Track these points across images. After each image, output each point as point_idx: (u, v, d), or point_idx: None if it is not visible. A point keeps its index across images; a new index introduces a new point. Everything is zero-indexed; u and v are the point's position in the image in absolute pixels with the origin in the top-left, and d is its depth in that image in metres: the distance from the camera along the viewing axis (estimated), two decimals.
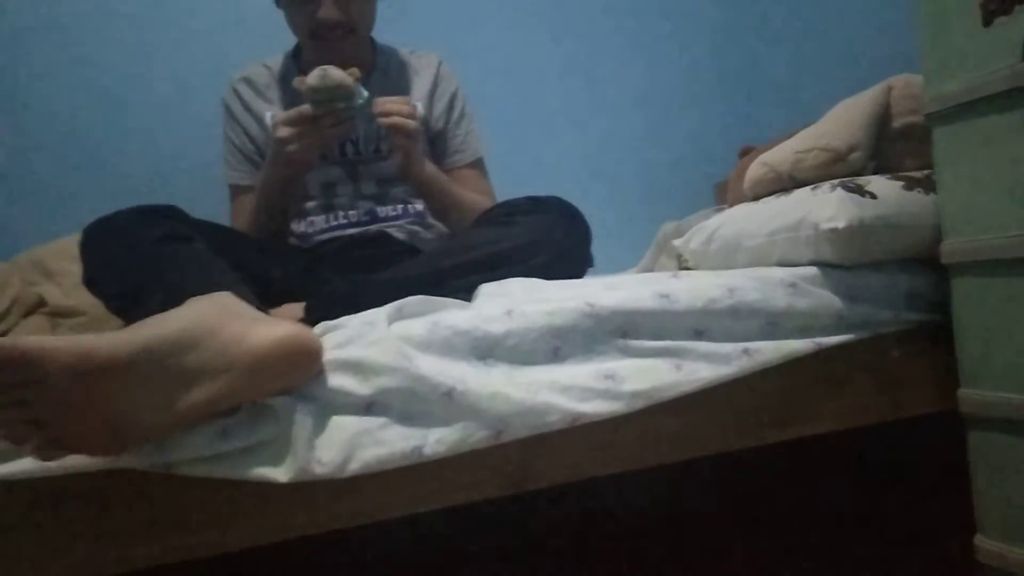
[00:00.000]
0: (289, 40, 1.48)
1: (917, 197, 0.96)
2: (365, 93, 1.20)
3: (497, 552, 1.07)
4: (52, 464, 0.69)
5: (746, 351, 0.89)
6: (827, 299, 0.94)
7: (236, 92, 1.50)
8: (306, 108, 1.19)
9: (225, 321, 0.74)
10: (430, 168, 1.37)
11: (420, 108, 1.49)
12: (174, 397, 0.69)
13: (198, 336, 0.71)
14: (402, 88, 1.50)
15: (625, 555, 1.18)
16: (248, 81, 1.50)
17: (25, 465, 0.69)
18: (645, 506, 1.23)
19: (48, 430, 0.65)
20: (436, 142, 1.53)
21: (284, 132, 1.20)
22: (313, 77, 1.16)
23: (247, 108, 1.49)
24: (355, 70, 1.20)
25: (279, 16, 1.41)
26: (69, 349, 0.64)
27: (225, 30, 1.83)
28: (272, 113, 1.46)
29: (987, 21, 0.86)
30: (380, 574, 1.13)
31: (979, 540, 0.92)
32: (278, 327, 0.74)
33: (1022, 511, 0.87)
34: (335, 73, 1.16)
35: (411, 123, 1.24)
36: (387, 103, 1.24)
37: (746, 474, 1.24)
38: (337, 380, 0.77)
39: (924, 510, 1.12)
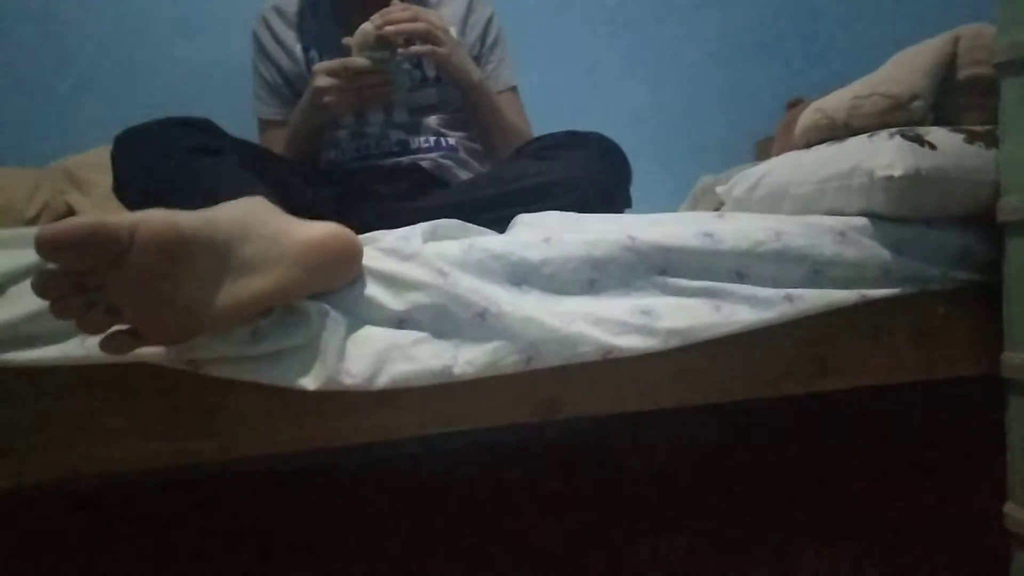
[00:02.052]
0: None
1: (978, 151, 0.92)
2: (406, 64, 1.19)
3: (516, 483, 1.06)
4: (101, 355, 0.67)
5: (788, 297, 0.87)
6: (875, 251, 0.91)
7: (266, 22, 1.47)
8: (351, 60, 1.15)
9: (270, 216, 0.74)
10: (478, 74, 1.33)
11: (453, 34, 1.46)
12: (233, 286, 0.67)
13: (248, 226, 0.70)
14: (438, 13, 1.46)
15: (644, 500, 1.17)
16: (278, 11, 1.46)
17: (48, 354, 0.68)
18: (667, 449, 1.22)
19: (124, 316, 0.64)
20: None
21: (324, 82, 1.17)
22: (363, 28, 1.14)
23: (277, 40, 1.45)
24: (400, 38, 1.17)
25: None
26: (152, 220, 0.62)
27: None
28: (303, 46, 1.44)
29: None
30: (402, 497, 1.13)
31: (1009, 508, 0.90)
32: (322, 225, 0.74)
33: None
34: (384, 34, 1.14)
35: (418, 26, 1.18)
36: (388, 17, 1.16)
37: (774, 429, 1.23)
38: (371, 291, 0.76)
39: (955, 476, 1.10)
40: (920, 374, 0.92)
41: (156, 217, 0.62)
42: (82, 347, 0.67)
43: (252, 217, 0.71)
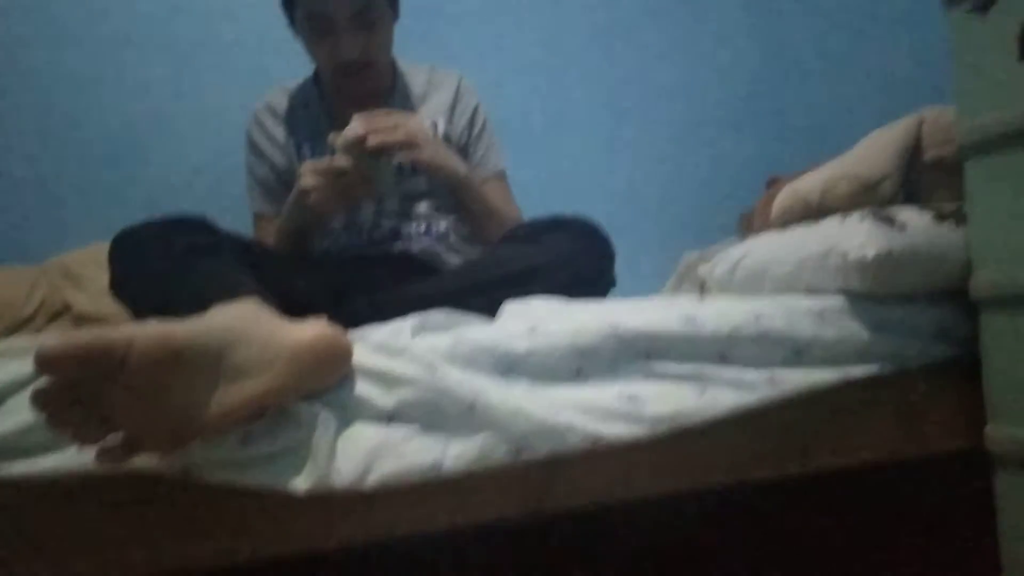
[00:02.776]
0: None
1: (947, 229, 0.95)
2: (394, 164, 1.22)
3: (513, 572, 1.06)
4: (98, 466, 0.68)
5: (771, 379, 0.88)
6: (854, 330, 0.93)
7: (259, 121, 1.51)
8: (337, 159, 1.18)
9: (262, 320, 0.76)
10: (463, 168, 1.36)
11: (441, 124, 1.51)
12: (226, 392, 0.69)
13: (240, 332, 0.72)
14: (419, 107, 1.52)
15: None
16: (270, 110, 1.51)
17: (44, 464, 0.69)
18: (662, 534, 1.21)
19: (119, 426, 0.65)
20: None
21: (308, 182, 1.19)
22: (349, 131, 1.17)
23: (270, 138, 1.50)
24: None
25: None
26: (147, 334, 0.64)
27: (255, 44, 1.86)
28: (295, 142, 1.48)
29: (1022, 55, 0.85)
30: None
31: None
32: (312, 326, 0.76)
33: None
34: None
35: (396, 136, 1.19)
36: (369, 123, 1.18)
37: (768, 505, 1.22)
38: (361, 389, 0.77)
39: (947, 550, 1.10)
40: (905, 452, 0.93)
41: (152, 330, 0.64)
42: (77, 456, 0.69)
43: (244, 322, 0.73)
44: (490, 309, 1.00)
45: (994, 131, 0.88)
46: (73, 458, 0.69)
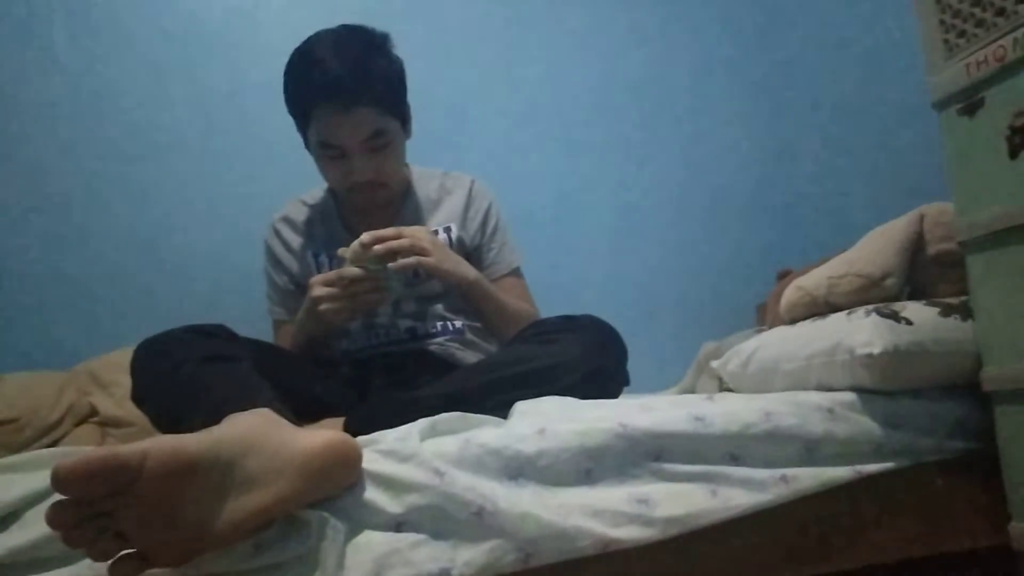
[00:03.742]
0: None
1: (954, 323, 0.95)
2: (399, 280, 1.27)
3: None
4: None
5: (783, 478, 0.88)
6: (866, 425, 0.93)
7: (276, 232, 1.56)
8: (344, 270, 1.23)
9: (272, 429, 0.77)
10: (472, 274, 1.39)
11: (455, 228, 1.55)
12: (237, 503, 0.70)
13: (251, 442, 0.74)
14: (432, 213, 1.57)
15: None
16: (288, 220, 1.56)
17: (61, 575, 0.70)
18: None
19: (132, 542, 0.66)
20: (472, 257, 1.58)
21: (319, 292, 1.24)
22: (354, 247, 1.22)
23: (288, 248, 1.54)
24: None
25: None
26: (161, 447, 0.66)
27: (282, 165, 1.94)
28: (312, 251, 1.53)
29: (1013, 154, 0.88)
30: None
31: None
32: (322, 433, 0.78)
33: None
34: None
35: (402, 242, 1.23)
36: (376, 235, 1.23)
37: None
38: (369, 495, 0.78)
39: None
40: (926, 549, 0.91)
41: (165, 444, 0.66)
42: (92, 569, 0.70)
43: (255, 431, 0.75)
44: (503, 409, 1.01)
45: (990, 227, 0.90)
46: (88, 570, 0.70)
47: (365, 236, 1.22)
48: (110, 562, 0.66)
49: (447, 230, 1.55)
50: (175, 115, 1.95)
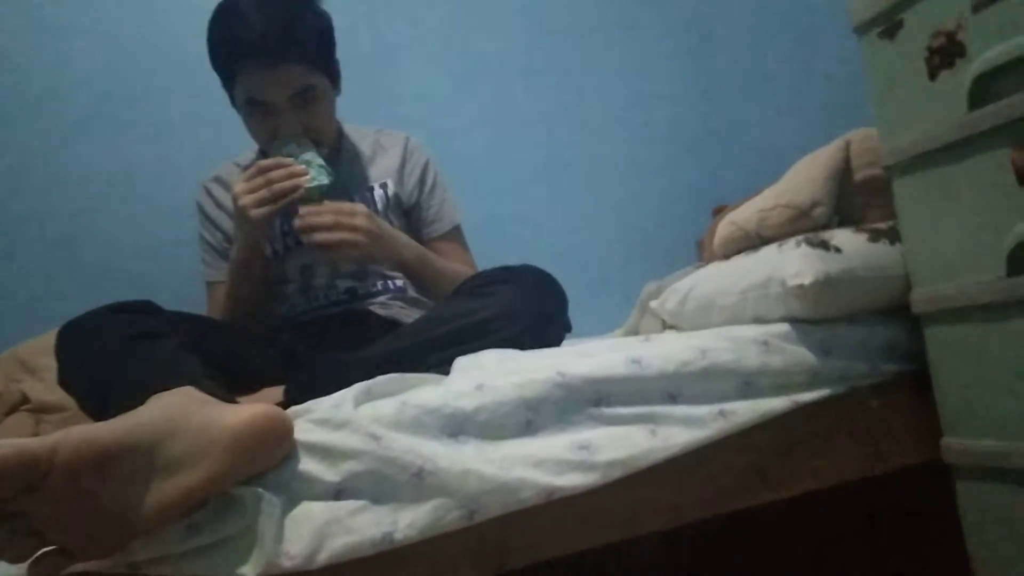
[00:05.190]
0: None
1: (883, 248, 0.96)
2: (324, 176, 1.24)
3: None
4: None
5: (722, 412, 0.89)
6: (801, 355, 0.93)
7: (208, 191, 1.53)
8: (264, 160, 1.23)
9: (195, 407, 0.75)
10: (405, 253, 1.34)
11: (391, 185, 1.52)
12: (163, 487, 0.68)
13: (174, 423, 0.71)
14: (367, 169, 1.53)
15: None
16: (219, 180, 1.53)
17: None
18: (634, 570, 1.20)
19: (49, 539, 0.64)
20: (411, 214, 1.56)
21: (238, 187, 1.23)
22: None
23: (218, 205, 1.51)
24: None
25: None
26: (70, 439, 0.63)
27: (205, 123, 1.87)
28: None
29: (932, 75, 0.88)
30: None
31: None
32: (249, 408, 0.75)
33: (1014, 558, 0.86)
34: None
35: (334, 237, 1.20)
36: (306, 217, 1.21)
37: (737, 533, 1.22)
38: (305, 466, 0.76)
39: (920, 563, 1.10)
40: (863, 471, 0.93)
41: (75, 435, 0.63)
42: (11, 569, 0.67)
43: (178, 412, 0.72)
44: (445, 365, 0.99)
45: (914, 149, 0.90)
46: (9, 569, 0.67)
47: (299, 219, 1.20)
48: (28, 562, 0.63)
49: (383, 186, 1.52)
50: (81, 78, 1.85)
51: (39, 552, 0.63)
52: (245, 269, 1.35)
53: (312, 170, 1.24)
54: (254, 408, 0.74)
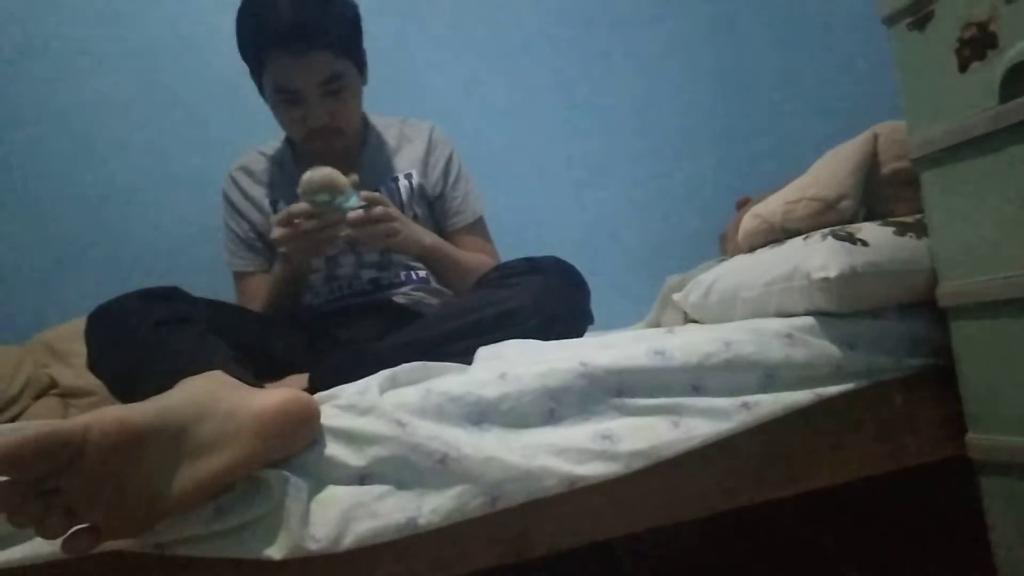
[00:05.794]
0: None
1: (909, 242, 0.95)
2: (355, 200, 1.23)
3: None
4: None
5: (745, 405, 0.88)
6: (825, 348, 0.93)
7: (234, 181, 1.54)
8: (293, 207, 1.21)
9: (225, 391, 0.76)
10: (427, 240, 1.38)
11: (415, 176, 1.53)
12: (192, 469, 0.69)
13: (203, 406, 0.72)
14: (392, 160, 1.54)
15: None
16: (246, 170, 1.54)
17: (18, 553, 0.69)
18: (655, 564, 1.20)
19: (82, 517, 0.65)
20: (435, 206, 1.56)
21: (276, 233, 1.23)
22: (305, 176, 1.20)
23: (246, 196, 1.52)
24: (354, 176, 1.24)
25: None
26: (104, 419, 0.65)
27: (232, 114, 1.88)
28: (271, 200, 1.51)
29: (963, 67, 0.87)
30: None
31: None
32: (277, 393, 0.77)
33: None
34: (322, 173, 1.20)
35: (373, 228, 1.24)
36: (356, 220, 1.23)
37: (760, 524, 1.22)
38: (330, 451, 0.77)
39: (945, 559, 1.09)
40: (888, 465, 0.93)
41: (107, 416, 0.64)
42: (47, 545, 0.68)
43: (207, 395, 0.73)
44: (467, 355, 1.00)
45: (943, 142, 0.89)
46: (47, 546, 0.69)
47: (309, 170, 1.21)
48: (62, 539, 0.64)
49: (408, 177, 1.53)
50: (117, 70, 1.87)
51: (72, 530, 0.65)
52: (289, 286, 1.38)
53: (351, 202, 1.24)
54: (283, 393, 0.75)
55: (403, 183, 1.52)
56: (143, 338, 0.93)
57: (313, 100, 1.33)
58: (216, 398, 0.73)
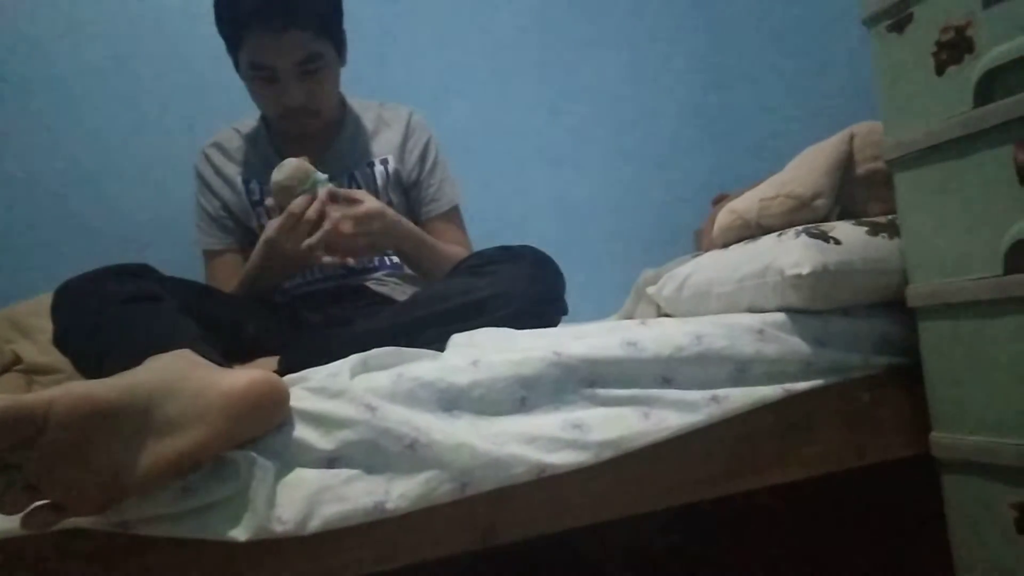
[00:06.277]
0: None
1: (882, 242, 0.97)
2: (322, 176, 1.23)
3: None
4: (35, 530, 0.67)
5: (714, 398, 0.89)
6: (795, 345, 0.94)
7: (207, 158, 1.52)
8: (294, 204, 1.19)
9: (193, 370, 0.75)
10: (406, 243, 1.36)
11: (392, 161, 1.52)
12: (157, 447, 0.68)
13: (170, 384, 0.71)
14: (368, 145, 1.53)
15: None
16: (218, 146, 1.52)
17: None
18: (621, 554, 1.21)
19: (43, 492, 0.64)
20: (411, 192, 1.55)
21: (275, 235, 1.21)
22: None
23: (218, 172, 1.50)
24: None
25: None
26: (69, 395, 0.64)
27: (204, 92, 1.85)
28: (244, 178, 1.48)
29: (940, 70, 0.88)
30: None
31: None
32: (246, 373, 0.76)
33: (998, 555, 0.87)
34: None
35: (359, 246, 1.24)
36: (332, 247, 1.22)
37: (724, 520, 1.23)
38: (299, 433, 0.77)
39: (904, 555, 1.11)
40: (852, 461, 0.94)
41: (72, 391, 0.63)
42: (6, 521, 0.67)
43: (174, 374, 0.72)
44: (440, 342, 1.00)
45: (918, 144, 0.90)
46: (4, 521, 0.68)
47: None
48: (22, 514, 0.63)
49: (384, 162, 1.52)
50: (89, 43, 1.84)
51: (33, 506, 0.63)
52: (273, 277, 1.35)
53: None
54: (252, 374, 0.74)
55: (379, 168, 1.51)
56: (112, 315, 0.91)
57: (289, 80, 1.32)
58: (184, 376, 0.72)
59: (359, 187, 1.47)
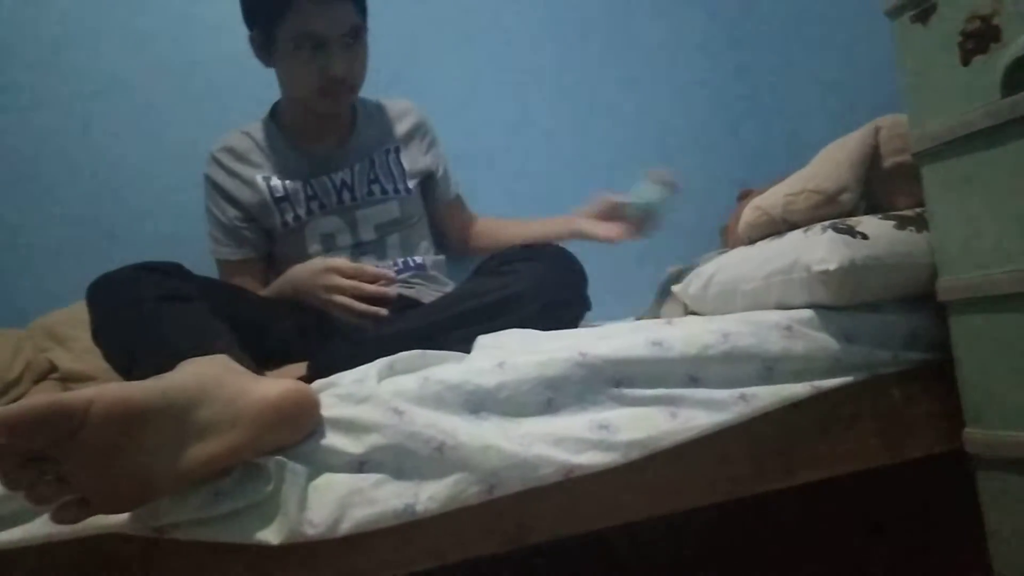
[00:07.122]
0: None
1: (909, 235, 0.95)
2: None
3: None
4: (64, 529, 0.68)
5: (743, 397, 0.89)
6: (823, 341, 0.93)
7: (219, 162, 1.50)
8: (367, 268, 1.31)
9: (228, 377, 0.76)
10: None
11: (401, 152, 1.57)
12: (189, 451, 0.69)
13: (206, 390, 0.73)
14: (387, 132, 1.58)
15: None
16: (229, 149, 1.51)
17: (15, 534, 0.70)
18: (649, 555, 1.21)
19: (75, 486, 0.66)
20: (426, 182, 1.62)
21: (338, 283, 1.27)
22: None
23: (234, 176, 1.49)
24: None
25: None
26: (107, 395, 0.65)
27: (234, 97, 1.87)
28: (262, 176, 1.49)
29: (966, 60, 0.86)
30: None
31: None
32: (279, 382, 0.77)
33: None
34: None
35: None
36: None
37: (753, 520, 1.22)
38: (329, 438, 0.78)
39: (939, 553, 1.09)
40: (885, 458, 0.93)
41: (110, 392, 0.65)
42: (46, 526, 0.69)
43: (210, 379, 0.73)
44: (467, 342, 1.00)
45: (944, 136, 0.89)
46: (42, 528, 0.69)
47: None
48: (54, 507, 0.65)
49: (397, 150, 1.57)
50: (115, 54, 1.86)
51: (62, 500, 0.65)
52: (285, 289, 1.37)
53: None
54: (285, 384, 0.75)
55: (392, 157, 1.56)
56: (147, 311, 0.92)
57: (335, 49, 1.35)
58: (220, 383, 0.73)
59: (376, 173, 1.52)
